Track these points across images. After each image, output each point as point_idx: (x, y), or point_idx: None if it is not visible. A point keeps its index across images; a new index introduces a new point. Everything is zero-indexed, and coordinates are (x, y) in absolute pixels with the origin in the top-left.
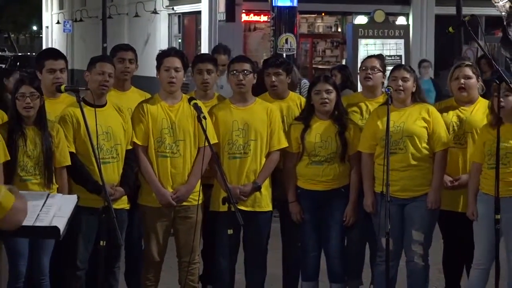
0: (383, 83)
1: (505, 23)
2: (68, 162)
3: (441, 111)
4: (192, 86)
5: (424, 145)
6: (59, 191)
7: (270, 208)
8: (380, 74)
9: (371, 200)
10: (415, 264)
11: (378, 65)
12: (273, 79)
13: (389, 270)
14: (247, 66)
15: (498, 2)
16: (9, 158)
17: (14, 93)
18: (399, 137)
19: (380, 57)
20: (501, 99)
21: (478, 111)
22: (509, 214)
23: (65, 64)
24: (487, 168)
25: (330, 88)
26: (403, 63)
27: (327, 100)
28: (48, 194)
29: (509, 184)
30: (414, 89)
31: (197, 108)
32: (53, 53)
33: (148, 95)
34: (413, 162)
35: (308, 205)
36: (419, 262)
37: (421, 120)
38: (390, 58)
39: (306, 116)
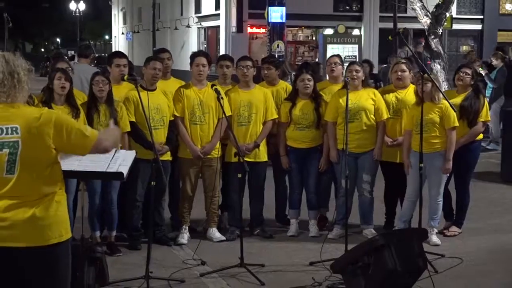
0: (343, 73)
1: (426, 34)
2: (129, 129)
3: (384, 92)
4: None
5: (372, 116)
6: (121, 149)
7: (266, 159)
8: (340, 67)
9: (335, 153)
10: (365, 197)
11: (338, 61)
12: (266, 72)
13: (347, 201)
14: (249, 63)
15: (422, 19)
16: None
17: (91, 81)
18: (357, 110)
19: (338, 55)
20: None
21: (410, 94)
22: (429, 164)
23: (127, 61)
24: (415, 134)
25: (310, 77)
26: (357, 60)
27: (308, 86)
28: (116, 150)
29: (430, 144)
30: (363, 78)
31: (217, 91)
32: (119, 54)
33: (183, 83)
34: (364, 128)
35: (295, 157)
36: (367, 196)
37: (370, 100)
38: (348, 57)
39: (293, 96)
